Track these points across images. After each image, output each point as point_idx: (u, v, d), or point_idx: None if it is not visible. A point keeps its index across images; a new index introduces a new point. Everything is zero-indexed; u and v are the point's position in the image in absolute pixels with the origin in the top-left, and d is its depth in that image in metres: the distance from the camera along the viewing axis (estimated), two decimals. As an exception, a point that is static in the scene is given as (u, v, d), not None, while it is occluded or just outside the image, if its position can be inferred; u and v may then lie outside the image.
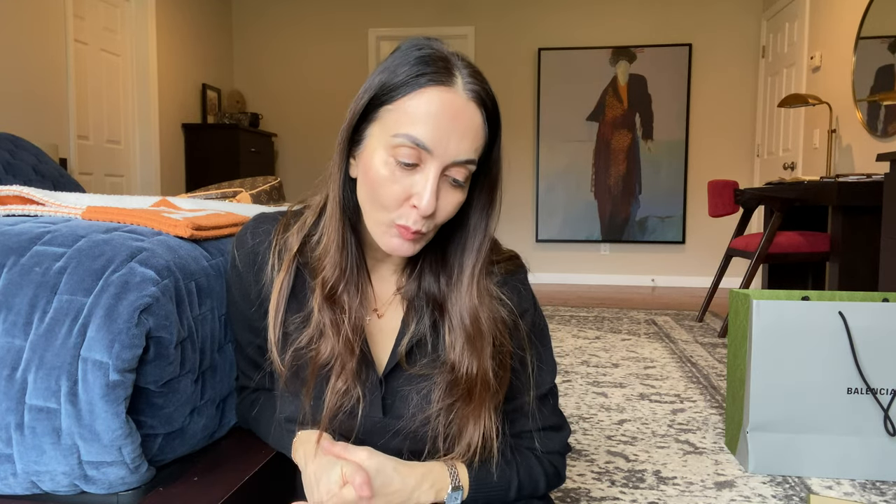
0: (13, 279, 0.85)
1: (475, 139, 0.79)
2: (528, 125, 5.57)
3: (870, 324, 1.63)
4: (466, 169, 0.80)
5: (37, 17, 3.55)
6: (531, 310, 0.93)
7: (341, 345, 0.85)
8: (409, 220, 0.79)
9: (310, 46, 5.70)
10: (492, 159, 0.84)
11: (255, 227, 0.93)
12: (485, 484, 0.87)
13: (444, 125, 0.76)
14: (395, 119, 0.78)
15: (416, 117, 0.76)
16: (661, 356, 2.92)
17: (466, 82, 0.78)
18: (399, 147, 0.77)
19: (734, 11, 5.28)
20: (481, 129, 0.79)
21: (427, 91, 0.76)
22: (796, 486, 1.60)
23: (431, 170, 0.77)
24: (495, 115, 0.82)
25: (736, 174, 5.29)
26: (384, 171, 0.78)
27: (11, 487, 0.86)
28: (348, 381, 0.85)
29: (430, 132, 0.76)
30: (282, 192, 2.26)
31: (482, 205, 0.86)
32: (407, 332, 0.88)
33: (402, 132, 0.77)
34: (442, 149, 0.77)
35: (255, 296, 0.92)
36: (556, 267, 5.60)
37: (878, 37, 3.50)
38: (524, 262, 0.96)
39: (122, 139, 4.53)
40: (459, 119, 0.77)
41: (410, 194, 0.78)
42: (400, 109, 0.77)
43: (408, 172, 0.78)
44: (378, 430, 0.88)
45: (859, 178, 2.82)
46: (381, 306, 0.92)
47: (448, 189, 0.80)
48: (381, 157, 0.79)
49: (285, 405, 0.91)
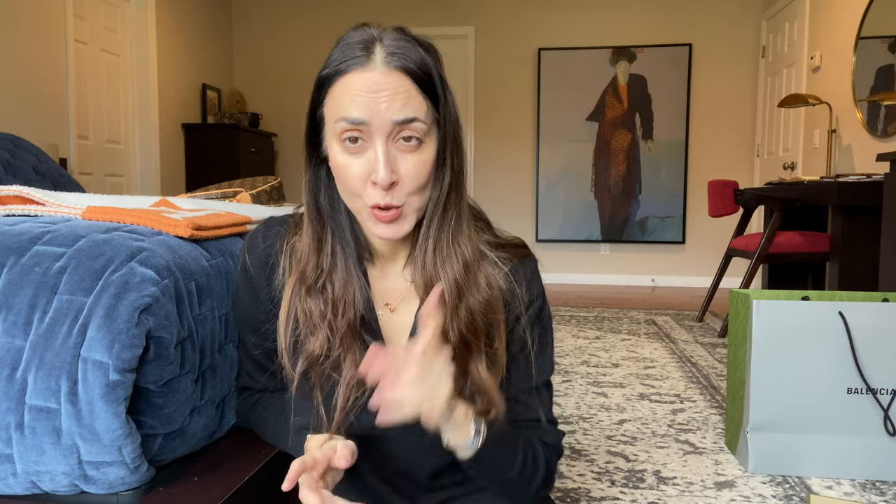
0: (13, 279, 0.85)
1: (407, 100, 0.80)
2: (528, 125, 5.57)
3: (870, 324, 1.63)
4: (411, 129, 0.81)
5: (37, 17, 3.55)
6: (539, 299, 0.94)
7: (328, 335, 0.85)
8: (377, 197, 0.81)
9: (310, 46, 5.70)
10: (441, 114, 0.85)
11: (266, 231, 0.94)
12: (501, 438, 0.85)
13: (369, 98, 0.79)
14: (331, 110, 0.83)
15: (345, 101, 0.81)
16: (661, 356, 2.92)
17: (385, 57, 0.81)
18: (342, 133, 0.81)
19: (734, 11, 5.28)
20: (412, 92, 0.81)
21: (347, 76, 0.81)
22: (796, 486, 1.60)
23: (377, 140, 0.80)
24: (429, 79, 0.83)
25: (736, 174, 5.29)
26: (341, 159, 0.82)
27: (11, 487, 0.86)
28: (355, 373, 0.85)
29: (360, 107, 0.80)
30: (282, 192, 2.26)
31: (439, 161, 0.86)
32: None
33: (338, 117, 0.81)
34: (377, 117, 0.79)
35: (266, 298, 0.92)
36: (556, 267, 5.60)
37: (878, 37, 3.50)
38: (531, 252, 0.96)
39: (122, 139, 4.53)
40: (382, 89, 0.80)
41: (370, 172, 0.81)
42: (332, 101, 0.83)
43: (360, 151, 0.81)
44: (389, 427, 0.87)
45: (859, 178, 2.82)
46: (394, 301, 0.92)
47: (405, 153, 0.81)
48: (335, 148, 0.83)
49: (300, 411, 0.90)
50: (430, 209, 0.86)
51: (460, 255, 0.87)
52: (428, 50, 0.84)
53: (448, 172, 0.86)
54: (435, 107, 0.83)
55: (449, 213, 0.87)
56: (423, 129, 0.81)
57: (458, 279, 0.86)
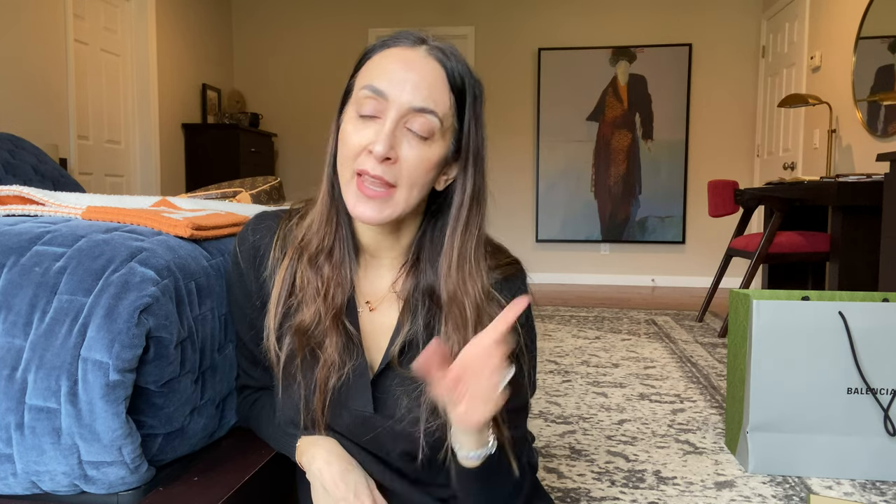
0: (13, 279, 0.85)
1: (432, 90, 0.82)
2: (528, 125, 5.57)
3: (870, 324, 1.63)
4: (426, 119, 0.81)
5: (37, 17, 3.55)
6: (524, 316, 0.92)
7: (325, 310, 0.86)
8: (368, 164, 0.81)
9: (310, 46, 5.70)
10: (464, 132, 0.86)
11: (257, 224, 0.95)
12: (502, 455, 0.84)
13: (399, 73, 0.81)
14: (362, 78, 0.85)
15: (376, 70, 0.83)
16: (661, 356, 2.92)
17: (430, 47, 0.84)
18: (362, 100, 0.82)
19: (734, 11, 5.28)
20: (440, 83, 0.83)
21: (389, 50, 0.84)
22: (796, 486, 1.60)
23: (389, 115, 0.81)
24: (461, 83, 0.85)
25: (736, 174, 5.29)
26: (350, 126, 0.84)
27: (11, 487, 0.86)
28: (334, 355, 0.86)
29: (386, 79, 0.81)
30: (282, 192, 2.26)
31: (462, 182, 0.87)
32: (402, 330, 0.89)
33: (365, 84, 0.83)
34: (396, 93, 0.81)
35: (256, 290, 0.93)
36: (556, 267, 5.60)
37: (878, 37, 3.50)
38: (524, 269, 0.96)
39: (122, 139, 4.53)
40: (414, 69, 0.82)
41: (370, 143, 0.82)
42: (367, 69, 0.85)
43: (369, 122, 0.82)
44: (369, 426, 0.88)
45: (859, 178, 2.82)
46: (375, 300, 0.93)
47: (411, 141, 0.82)
48: (349, 114, 0.85)
49: (284, 408, 0.91)
50: (453, 213, 0.87)
51: (480, 278, 0.87)
52: (468, 66, 0.87)
53: (468, 187, 0.87)
54: (458, 116, 0.85)
55: (471, 229, 0.87)
56: (436, 126, 0.82)
57: (479, 301, 0.86)
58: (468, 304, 0.85)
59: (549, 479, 1.61)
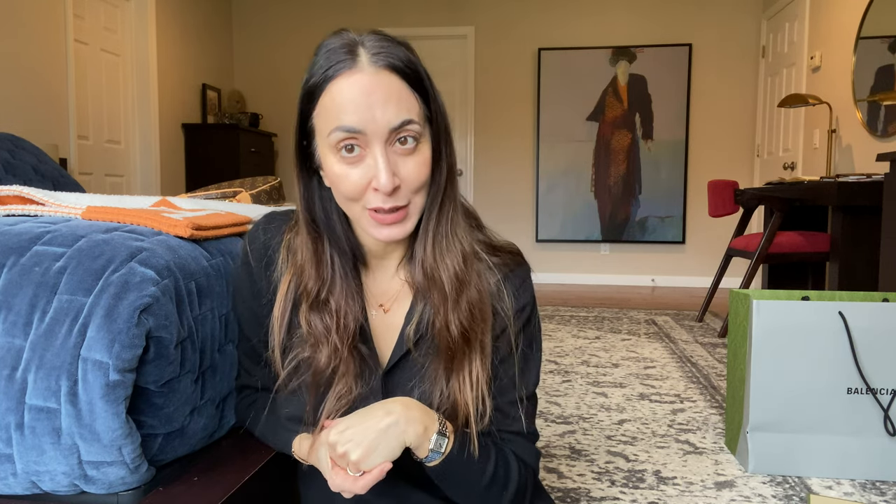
0: (13, 279, 0.85)
1: (400, 101, 0.80)
2: (528, 125, 5.56)
3: (870, 324, 1.63)
4: (408, 129, 0.80)
5: (37, 17, 3.55)
6: (529, 307, 0.93)
7: (335, 348, 0.86)
8: (378, 201, 0.81)
9: (310, 46, 5.61)
10: (433, 110, 0.84)
11: (267, 224, 0.95)
12: (465, 451, 0.84)
13: (362, 103, 0.78)
14: (324, 120, 0.81)
15: (336, 108, 0.79)
16: (661, 356, 2.91)
17: (370, 58, 0.80)
18: (338, 143, 0.80)
19: (734, 11, 5.28)
20: (403, 91, 0.80)
21: (336, 82, 0.80)
22: (796, 486, 1.60)
23: (376, 148, 0.79)
24: (416, 75, 0.82)
25: (736, 174, 5.29)
26: (338, 168, 0.81)
27: (11, 487, 0.86)
28: (350, 383, 0.86)
29: (354, 115, 0.78)
30: (282, 192, 2.25)
31: (439, 162, 0.86)
32: (414, 316, 0.89)
33: (332, 127, 0.80)
34: (372, 125, 0.78)
35: (266, 289, 0.92)
36: (556, 267, 5.60)
37: (878, 37, 3.50)
38: (525, 260, 0.96)
39: (122, 139, 4.53)
40: (373, 91, 0.79)
41: (370, 179, 0.80)
42: (324, 110, 0.81)
43: (358, 161, 0.80)
44: None
45: (859, 178, 2.82)
46: (387, 301, 0.93)
47: (403, 156, 0.81)
48: (330, 159, 0.82)
49: (286, 403, 0.91)
50: (427, 204, 0.86)
51: (459, 247, 0.87)
52: (408, 48, 0.84)
53: (444, 167, 0.86)
54: (426, 104, 0.83)
55: (446, 207, 0.87)
56: (418, 130, 0.81)
57: (458, 271, 0.86)
58: (446, 278, 0.86)
59: (549, 479, 1.61)
